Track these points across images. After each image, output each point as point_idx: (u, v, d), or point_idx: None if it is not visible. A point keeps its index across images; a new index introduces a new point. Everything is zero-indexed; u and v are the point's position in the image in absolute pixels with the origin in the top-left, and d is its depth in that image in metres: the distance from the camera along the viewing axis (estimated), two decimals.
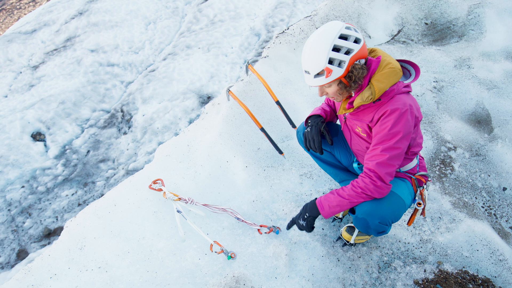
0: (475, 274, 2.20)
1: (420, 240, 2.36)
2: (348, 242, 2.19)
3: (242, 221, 2.36)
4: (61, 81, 6.41)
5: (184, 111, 5.74)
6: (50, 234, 4.43)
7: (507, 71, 3.79)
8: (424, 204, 1.89)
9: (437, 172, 2.89)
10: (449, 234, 2.38)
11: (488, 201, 2.77)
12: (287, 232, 2.33)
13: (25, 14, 10.77)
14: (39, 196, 4.87)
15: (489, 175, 2.92)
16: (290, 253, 2.22)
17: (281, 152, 2.73)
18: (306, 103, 3.24)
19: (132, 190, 2.56)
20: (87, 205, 3.12)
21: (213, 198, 2.54)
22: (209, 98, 5.96)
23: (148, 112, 5.86)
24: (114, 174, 5.06)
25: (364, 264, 2.22)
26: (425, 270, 2.19)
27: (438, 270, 2.19)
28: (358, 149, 1.96)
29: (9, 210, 4.72)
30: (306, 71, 1.67)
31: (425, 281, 2.13)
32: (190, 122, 5.61)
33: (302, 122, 2.32)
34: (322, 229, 2.38)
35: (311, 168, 2.76)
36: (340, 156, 2.23)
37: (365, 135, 1.80)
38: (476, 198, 2.76)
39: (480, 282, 2.14)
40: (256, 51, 6.74)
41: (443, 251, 2.30)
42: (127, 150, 5.40)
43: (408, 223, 2.01)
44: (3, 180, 4.96)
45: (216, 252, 2.21)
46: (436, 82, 3.68)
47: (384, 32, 4.48)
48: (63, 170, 5.18)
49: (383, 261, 2.25)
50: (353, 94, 1.74)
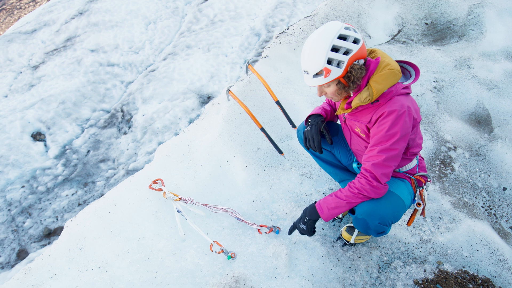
0: (475, 274, 2.20)
1: (420, 240, 2.36)
2: (348, 242, 2.20)
3: (242, 221, 2.36)
4: (61, 81, 6.41)
5: (184, 111, 5.74)
6: (50, 234, 4.44)
7: (507, 71, 3.79)
8: (423, 204, 1.89)
9: (437, 172, 2.89)
10: (449, 234, 2.38)
11: (488, 201, 2.77)
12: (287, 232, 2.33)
13: (25, 14, 10.76)
14: (39, 196, 4.87)
15: (489, 175, 2.92)
16: (290, 253, 2.22)
17: (281, 152, 2.74)
18: (306, 103, 3.24)
19: (132, 190, 2.56)
20: (87, 205, 3.11)
21: (213, 198, 2.54)
22: (209, 98, 5.96)
23: (148, 112, 5.85)
24: (114, 174, 5.07)
25: (364, 264, 2.22)
26: (425, 270, 2.19)
27: (438, 270, 2.19)
28: (357, 148, 1.96)
29: (9, 210, 4.73)
30: (305, 71, 1.67)
31: (425, 281, 2.13)
32: (190, 122, 5.61)
33: (302, 121, 2.32)
34: (322, 229, 2.38)
35: (311, 168, 2.76)
36: (340, 155, 2.23)
37: (364, 135, 1.80)
38: (476, 198, 2.76)
39: (480, 282, 2.14)
40: (256, 51, 6.74)
41: (443, 251, 2.30)
42: (127, 150, 5.40)
43: (407, 223, 2.01)
44: (3, 180, 4.96)
45: (216, 252, 2.21)
46: (436, 82, 3.68)
47: (384, 32, 4.48)
48: (63, 170, 5.18)
49: (383, 261, 2.25)
50: (351, 95, 1.75)
